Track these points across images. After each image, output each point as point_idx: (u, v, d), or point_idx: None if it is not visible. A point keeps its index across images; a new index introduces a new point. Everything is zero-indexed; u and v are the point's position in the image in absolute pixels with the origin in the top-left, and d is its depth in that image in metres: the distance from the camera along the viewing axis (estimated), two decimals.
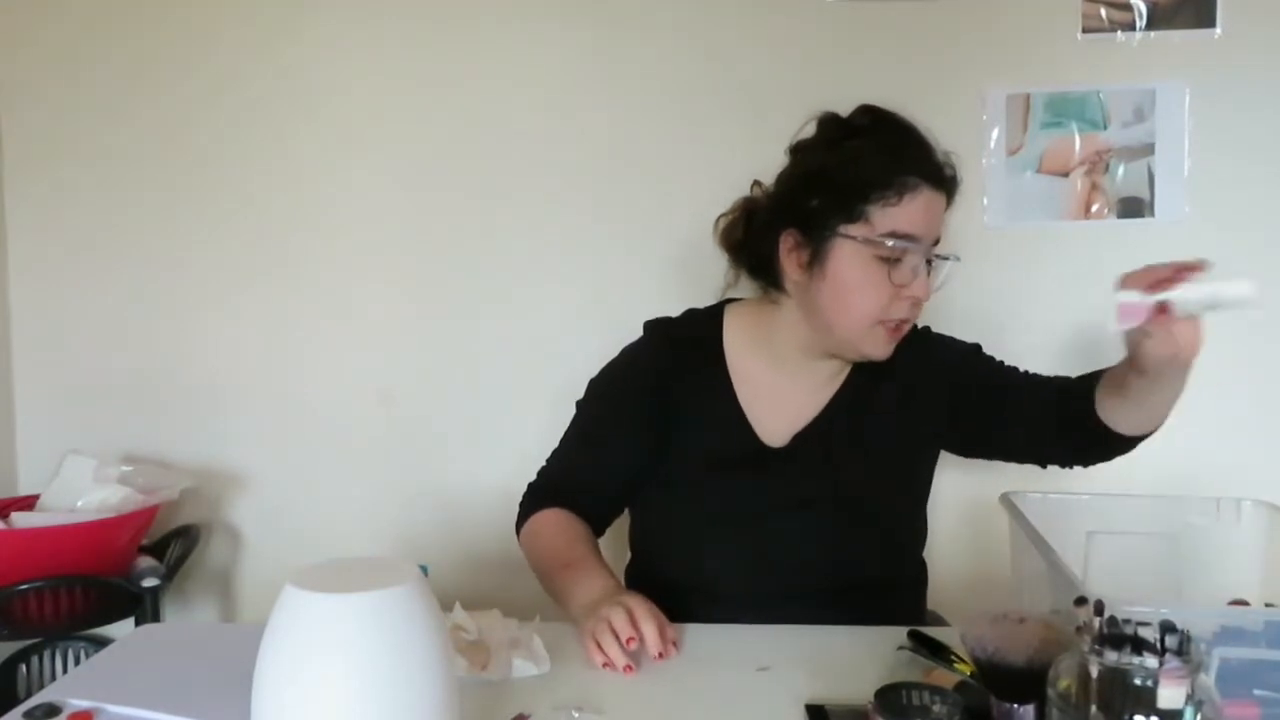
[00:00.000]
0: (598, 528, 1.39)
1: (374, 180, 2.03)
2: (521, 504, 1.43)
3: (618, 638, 1.09)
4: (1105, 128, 1.93)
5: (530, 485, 1.44)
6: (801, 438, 1.35)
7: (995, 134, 1.94)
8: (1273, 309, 1.92)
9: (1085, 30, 1.92)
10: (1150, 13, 1.90)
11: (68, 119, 2.05)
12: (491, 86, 2.00)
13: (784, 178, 1.34)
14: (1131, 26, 1.91)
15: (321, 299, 2.06)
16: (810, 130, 1.33)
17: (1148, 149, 1.92)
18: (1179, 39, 1.90)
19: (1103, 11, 1.91)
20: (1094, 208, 1.94)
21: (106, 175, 2.05)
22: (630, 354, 1.44)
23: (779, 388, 1.37)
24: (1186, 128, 1.91)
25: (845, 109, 1.35)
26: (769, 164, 1.36)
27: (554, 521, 1.36)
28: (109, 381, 2.09)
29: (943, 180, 1.26)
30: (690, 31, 1.96)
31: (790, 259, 1.30)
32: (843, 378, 1.38)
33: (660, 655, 1.11)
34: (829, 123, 1.32)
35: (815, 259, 1.27)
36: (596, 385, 1.45)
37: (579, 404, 1.45)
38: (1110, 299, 1.00)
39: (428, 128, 2.02)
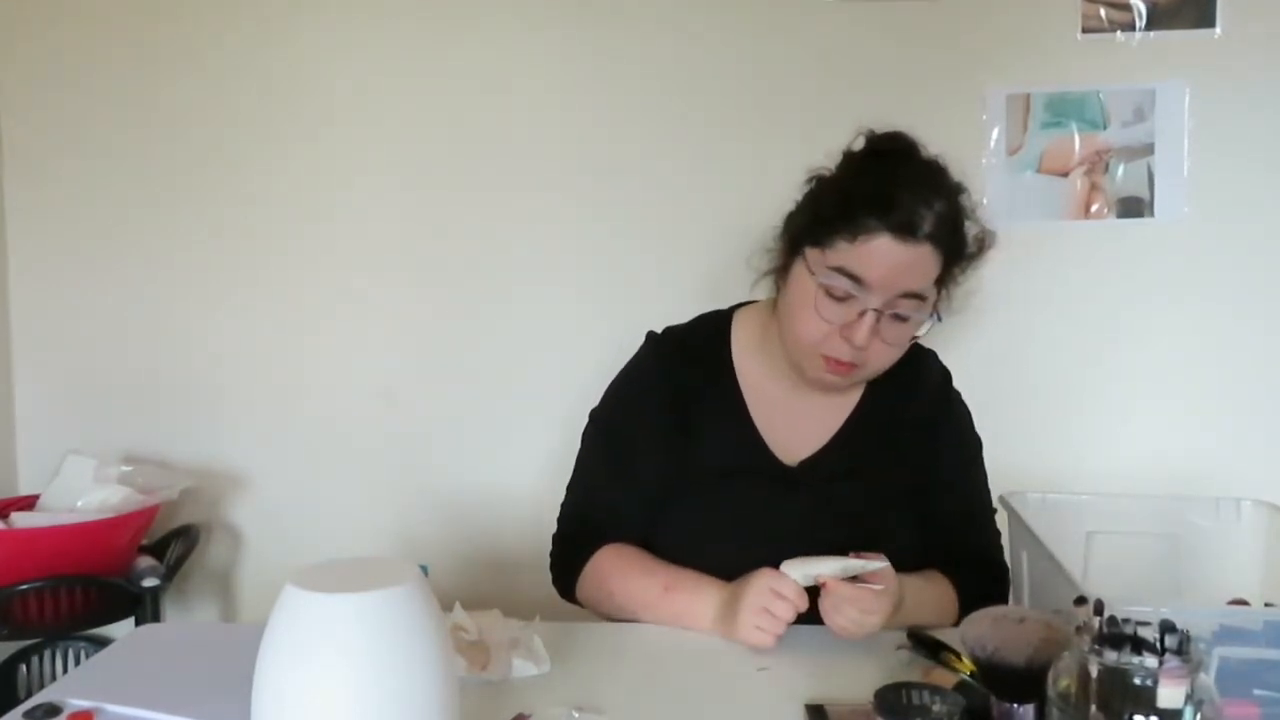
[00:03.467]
0: None
1: (375, 180, 2.03)
2: (557, 555, 1.38)
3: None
4: (1105, 128, 1.93)
5: (560, 535, 1.39)
6: (815, 460, 1.33)
7: (995, 134, 1.94)
8: (1272, 310, 1.94)
9: (1085, 30, 1.92)
10: (1150, 13, 1.90)
11: (68, 119, 2.05)
12: (494, 87, 2.00)
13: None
14: (1131, 26, 1.91)
15: (322, 299, 2.06)
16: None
17: (1147, 149, 1.93)
18: (1179, 39, 1.90)
19: (1103, 11, 1.91)
20: (1094, 208, 1.94)
21: (106, 175, 2.05)
22: (636, 370, 1.40)
23: (787, 399, 1.35)
24: (1186, 128, 1.91)
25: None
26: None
27: (617, 559, 1.31)
28: (109, 381, 2.09)
29: (911, 233, 1.17)
30: (692, 32, 1.96)
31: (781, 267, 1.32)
32: (854, 396, 1.37)
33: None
34: (856, 145, 1.29)
35: (783, 271, 1.29)
36: (607, 410, 1.40)
37: (588, 433, 1.41)
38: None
39: (430, 127, 2.02)
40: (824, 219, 1.22)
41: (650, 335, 1.43)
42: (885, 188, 1.19)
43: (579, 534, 1.36)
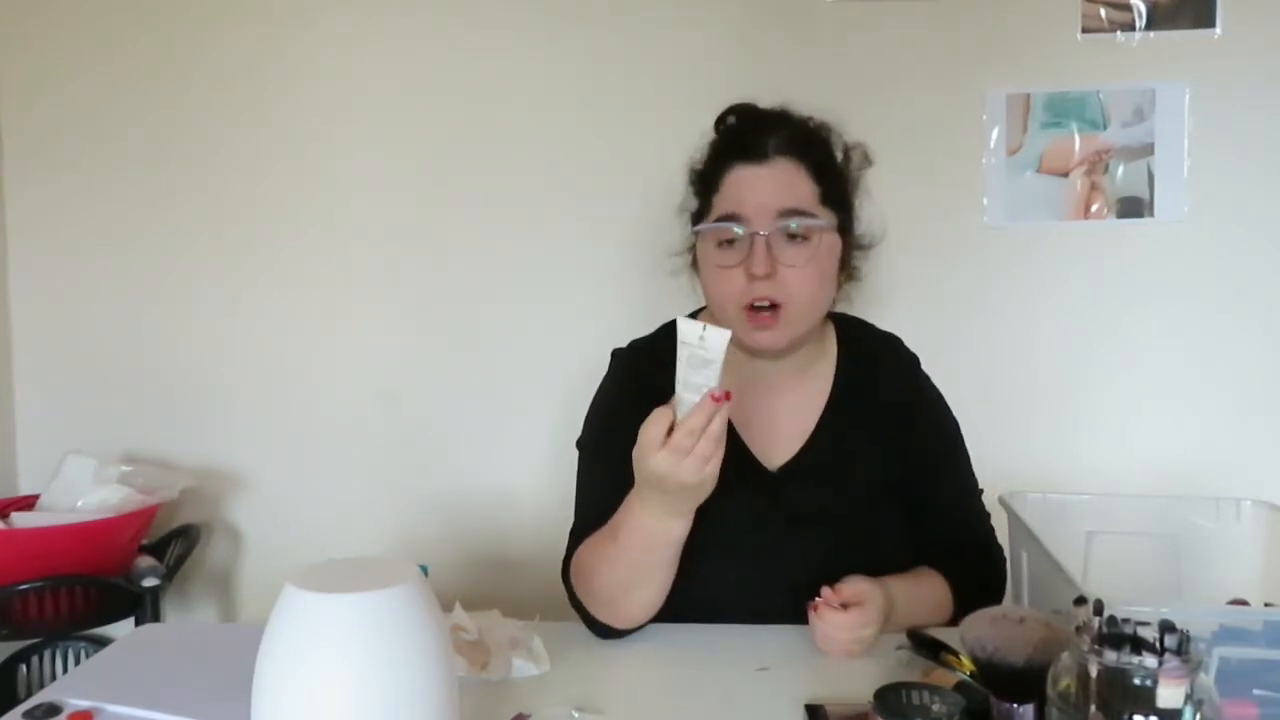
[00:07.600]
0: None
1: (374, 181, 2.04)
2: (564, 566, 1.32)
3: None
4: (1105, 128, 1.93)
5: (566, 555, 1.32)
6: (795, 464, 1.31)
7: (995, 134, 1.94)
8: (1272, 310, 1.94)
9: (1085, 30, 1.92)
10: (1150, 13, 1.90)
11: (68, 119, 2.05)
12: (493, 91, 2.00)
13: None
14: (1131, 26, 1.91)
15: (321, 299, 2.06)
16: None
17: (1147, 149, 1.93)
18: (1179, 39, 1.90)
19: (1103, 11, 1.91)
20: (1094, 208, 1.94)
21: (107, 175, 2.06)
22: (608, 389, 1.38)
23: (758, 400, 1.31)
24: (1186, 128, 1.91)
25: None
26: None
27: (580, 557, 1.26)
28: (109, 381, 2.09)
29: (760, 154, 1.24)
30: (690, 34, 1.96)
31: None
32: (824, 390, 1.34)
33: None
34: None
35: (694, 259, 1.33)
36: (588, 433, 1.36)
37: (579, 461, 1.36)
38: None
39: (430, 129, 2.02)
40: (696, 191, 1.32)
41: (615, 353, 1.40)
42: (730, 136, 1.30)
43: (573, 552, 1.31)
